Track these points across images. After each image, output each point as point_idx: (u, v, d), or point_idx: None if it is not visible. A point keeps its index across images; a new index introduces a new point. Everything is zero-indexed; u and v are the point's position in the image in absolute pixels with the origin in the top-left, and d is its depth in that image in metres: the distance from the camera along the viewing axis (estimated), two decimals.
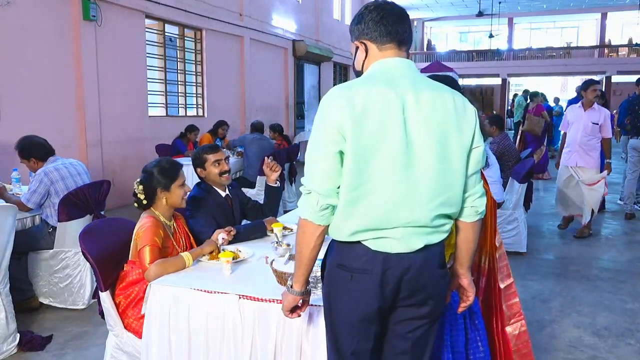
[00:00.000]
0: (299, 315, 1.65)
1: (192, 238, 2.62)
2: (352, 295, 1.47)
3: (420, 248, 1.45)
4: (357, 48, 1.57)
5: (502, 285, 2.11)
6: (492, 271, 2.05)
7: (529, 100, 10.55)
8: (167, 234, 2.41)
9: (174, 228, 2.52)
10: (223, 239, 2.48)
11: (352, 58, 1.64)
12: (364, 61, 1.55)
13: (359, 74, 1.58)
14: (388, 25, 1.50)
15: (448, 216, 1.50)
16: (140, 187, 2.42)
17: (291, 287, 1.56)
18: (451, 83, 2.11)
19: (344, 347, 1.52)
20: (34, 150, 3.61)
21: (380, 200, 1.41)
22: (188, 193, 2.50)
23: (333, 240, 1.52)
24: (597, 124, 5.27)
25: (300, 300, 1.59)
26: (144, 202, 2.43)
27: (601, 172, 5.41)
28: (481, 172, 2.01)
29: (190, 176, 5.62)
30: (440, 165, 1.43)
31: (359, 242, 1.45)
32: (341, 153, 1.39)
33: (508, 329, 2.11)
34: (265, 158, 2.99)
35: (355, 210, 1.41)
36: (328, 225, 1.47)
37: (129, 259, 2.39)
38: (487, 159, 2.16)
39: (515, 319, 2.15)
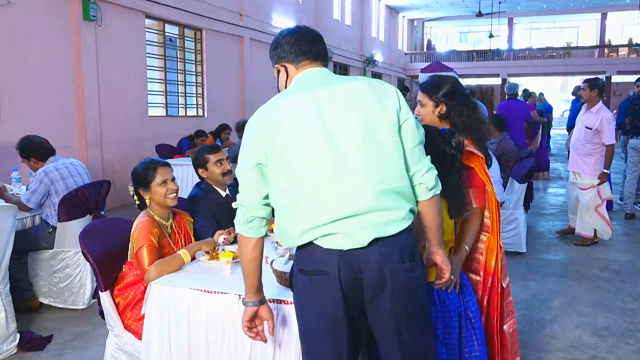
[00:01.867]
0: (265, 340, 1.65)
1: (193, 238, 2.61)
2: (315, 298, 1.47)
3: (373, 242, 1.43)
4: (278, 71, 1.67)
5: (504, 284, 2.13)
6: (496, 270, 2.07)
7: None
8: (162, 233, 2.41)
9: (171, 227, 2.52)
10: (224, 239, 2.48)
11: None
12: (285, 82, 1.65)
13: None
14: (302, 46, 1.60)
15: (397, 193, 1.47)
16: (132, 187, 2.49)
17: (244, 299, 1.63)
18: (454, 83, 2.12)
19: (316, 355, 1.51)
20: (34, 150, 3.62)
21: (314, 196, 1.44)
22: (175, 190, 2.47)
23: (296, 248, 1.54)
24: (591, 129, 4.77)
25: (257, 311, 1.62)
26: (137, 202, 2.49)
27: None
28: (484, 170, 2.03)
29: (190, 176, 5.69)
30: (368, 147, 1.46)
31: (311, 242, 1.47)
32: (259, 165, 1.50)
33: (505, 327, 2.13)
34: None
35: (294, 212, 1.47)
36: (263, 238, 1.59)
37: (127, 259, 2.39)
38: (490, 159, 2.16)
39: (510, 317, 2.18)
